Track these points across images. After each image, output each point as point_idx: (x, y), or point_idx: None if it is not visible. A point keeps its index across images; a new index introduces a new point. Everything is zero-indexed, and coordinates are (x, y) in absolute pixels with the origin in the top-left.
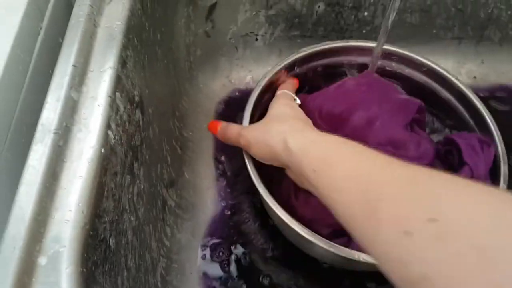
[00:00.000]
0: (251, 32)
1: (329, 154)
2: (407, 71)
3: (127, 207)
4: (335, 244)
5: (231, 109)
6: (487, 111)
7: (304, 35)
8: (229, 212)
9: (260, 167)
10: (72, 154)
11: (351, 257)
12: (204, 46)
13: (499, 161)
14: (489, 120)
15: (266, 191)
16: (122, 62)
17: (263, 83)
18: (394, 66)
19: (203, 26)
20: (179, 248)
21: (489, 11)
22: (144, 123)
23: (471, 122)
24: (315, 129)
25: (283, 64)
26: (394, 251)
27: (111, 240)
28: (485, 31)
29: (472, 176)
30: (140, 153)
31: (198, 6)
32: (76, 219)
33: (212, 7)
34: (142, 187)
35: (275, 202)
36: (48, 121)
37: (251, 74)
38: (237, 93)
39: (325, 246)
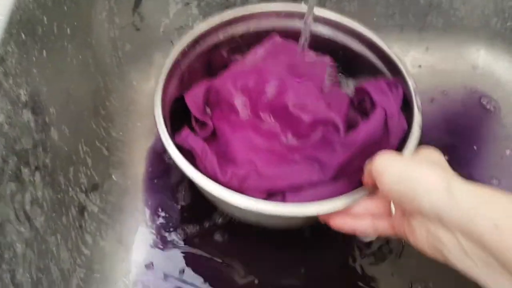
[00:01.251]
0: (185, 25)
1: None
2: (314, 27)
3: (11, 218)
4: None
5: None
6: (395, 55)
7: None
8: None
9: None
10: None
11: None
12: (133, 40)
13: (411, 95)
14: (397, 61)
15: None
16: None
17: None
18: (298, 24)
19: (130, 19)
20: (103, 257)
21: None
22: (38, 124)
23: (385, 69)
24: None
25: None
26: None
27: None
28: (427, 17)
29: (386, 115)
30: (34, 157)
31: None
32: None
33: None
34: (41, 194)
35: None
36: None
37: None
38: None
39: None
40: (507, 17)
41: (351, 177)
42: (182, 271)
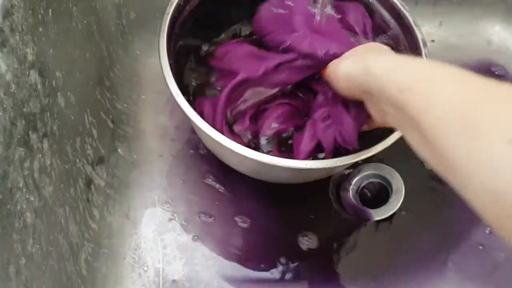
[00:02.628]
0: None
1: (421, 72)
2: None
3: (21, 185)
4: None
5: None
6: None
7: None
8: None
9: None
10: None
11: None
12: (138, 8)
13: (420, 47)
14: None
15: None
16: (5, 12)
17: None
18: None
19: None
20: (111, 232)
21: None
22: (45, 88)
23: (392, 21)
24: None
25: None
26: (493, 158)
27: None
28: None
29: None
30: (42, 122)
31: None
32: None
33: None
34: (49, 162)
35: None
36: None
37: None
38: None
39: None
40: None
41: None
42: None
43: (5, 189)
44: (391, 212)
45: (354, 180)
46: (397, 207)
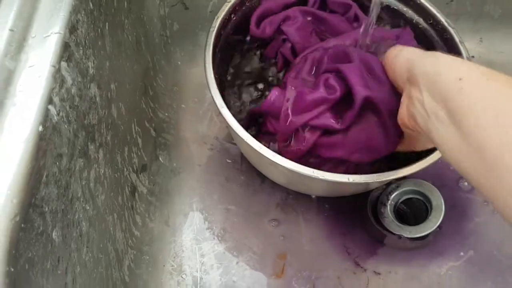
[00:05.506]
0: None
1: (483, 71)
2: None
3: (79, 195)
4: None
5: None
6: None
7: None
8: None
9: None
10: (3, 133)
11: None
12: (181, 19)
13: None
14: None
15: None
16: (71, 27)
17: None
18: None
19: None
20: (151, 239)
21: None
22: (103, 100)
23: (436, 36)
24: None
25: None
26: None
27: (54, 233)
28: (484, 7)
29: None
30: (99, 133)
31: None
32: (4, 210)
33: None
34: (103, 172)
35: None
36: None
37: None
38: None
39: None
40: None
41: None
42: None
43: (66, 199)
44: (431, 230)
45: (393, 195)
46: (437, 224)
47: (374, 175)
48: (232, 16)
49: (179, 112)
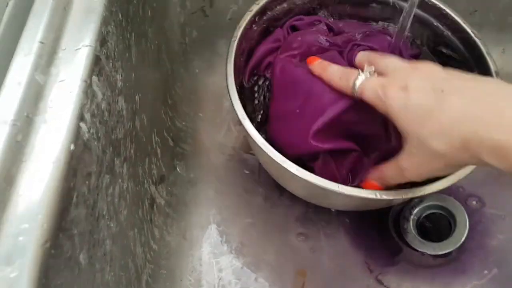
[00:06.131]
0: None
1: None
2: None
3: (105, 213)
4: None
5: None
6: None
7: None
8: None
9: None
10: (33, 152)
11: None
12: (201, 26)
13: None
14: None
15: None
16: (102, 40)
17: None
18: None
19: (200, 4)
20: (169, 252)
21: None
22: (128, 113)
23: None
24: None
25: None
26: None
27: (81, 256)
28: (508, 17)
29: None
30: (124, 147)
31: None
32: (34, 235)
33: None
34: (126, 186)
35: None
36: (4, 110)
37: None
38: None
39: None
40: None
41: None
42: None
43: (93, 219)
44: (455, 247)
45: (415, 210)
46: (461, 241)
47: (402, 191)
48: (253, 26)
49: (196, 121)
